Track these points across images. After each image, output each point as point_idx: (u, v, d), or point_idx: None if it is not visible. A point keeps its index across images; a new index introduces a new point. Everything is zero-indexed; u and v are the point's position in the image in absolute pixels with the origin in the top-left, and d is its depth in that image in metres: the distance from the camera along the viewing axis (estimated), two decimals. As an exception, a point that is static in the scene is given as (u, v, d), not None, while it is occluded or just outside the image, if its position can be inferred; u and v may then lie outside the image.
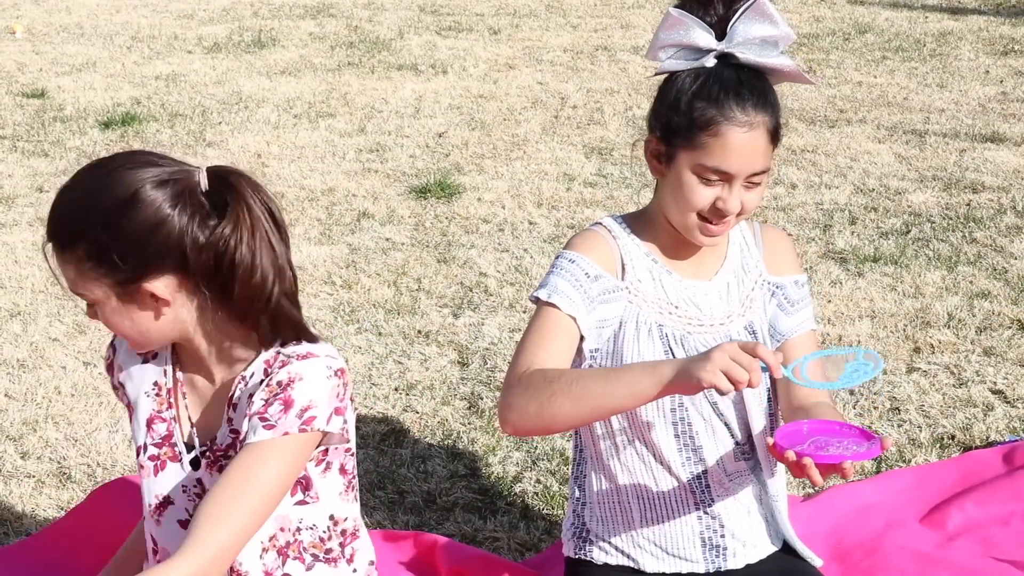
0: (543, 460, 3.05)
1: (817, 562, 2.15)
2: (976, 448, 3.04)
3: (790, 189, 4.92)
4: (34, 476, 3.03)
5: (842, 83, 6.50)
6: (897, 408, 3.26)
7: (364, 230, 4.58)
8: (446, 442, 3.16)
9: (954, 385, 3.37)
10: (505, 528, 2.79)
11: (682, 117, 1.93)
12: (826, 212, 4.67)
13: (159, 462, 1.81)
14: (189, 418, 1.81)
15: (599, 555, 2.13)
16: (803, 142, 5.50)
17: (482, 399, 3.35)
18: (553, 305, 1.96)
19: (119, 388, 1.90)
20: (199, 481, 1.79)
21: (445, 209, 4.79)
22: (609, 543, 2.12)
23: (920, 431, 3.14)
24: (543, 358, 1.92)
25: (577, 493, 2.15)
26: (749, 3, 1.93)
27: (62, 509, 2.89)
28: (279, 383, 1.69)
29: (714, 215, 1.95)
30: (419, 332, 3.76)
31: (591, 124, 5.89)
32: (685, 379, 1.75)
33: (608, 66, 7.03)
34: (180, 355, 1.83)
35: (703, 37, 1.93)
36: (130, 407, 1.86)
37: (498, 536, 2.76)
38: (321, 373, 1.70)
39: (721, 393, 1.72)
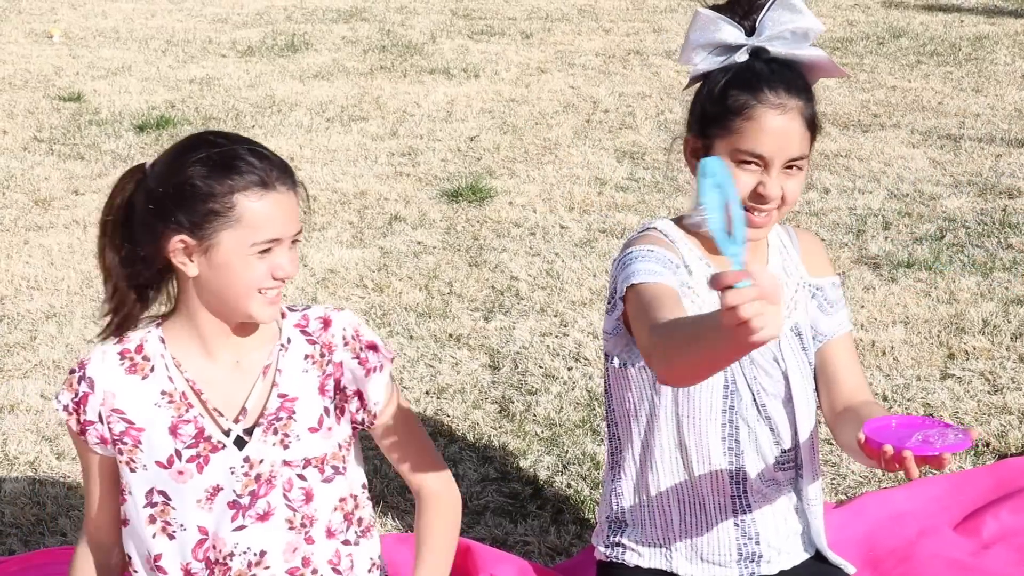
0: (574, 464, 3.05)
1: (851, 570, 2.14)
2: (1011, 455, 3.01)
3: (823, 194, 4.90)
4: (69, 477, 3.06)
5: (876, 87, 6.46)
6: (931, 414, 3.23)
7: (396, 233, 4.60)
8: (477, 446, 3.16)
9: (989, 392, 3.34)
10: (536, 532, 2.79)
11: (717, 106, 1.95)
12: (859, 217, 4.64)
13: (201, 459, 1.87)
14: (215, 409, 1.87)
15: (631, 558, 2.13)
16: (836, 147, 5.47)
17: (513, 403, 3.35)
18: (647, 283, 1.86)
19: (98, 421, 1.87)
20: (246, 459, 1.87)
21: (477, 213, 4.80)
22: (644, 546, 2.12)
23: (954, 438, 3.11)
24: (665, 315, 1.78)
25: (611, 496, 2.15)
26: None
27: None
28: (354, 336, 1.91)
29: (756, 201, 1.95)
30: (450, 336, 3.77)
31: (623, 128, 5.89)
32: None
33: (640, 70, 7.02)
34: (191, 348, 1.88)
35: (733, 34, 1.95)
36: (127, 433, 1.87)
37: (529, 540, 2.76)
38: (353, 314, 1.96)
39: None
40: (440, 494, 2.02)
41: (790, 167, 1.95)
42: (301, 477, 1.90)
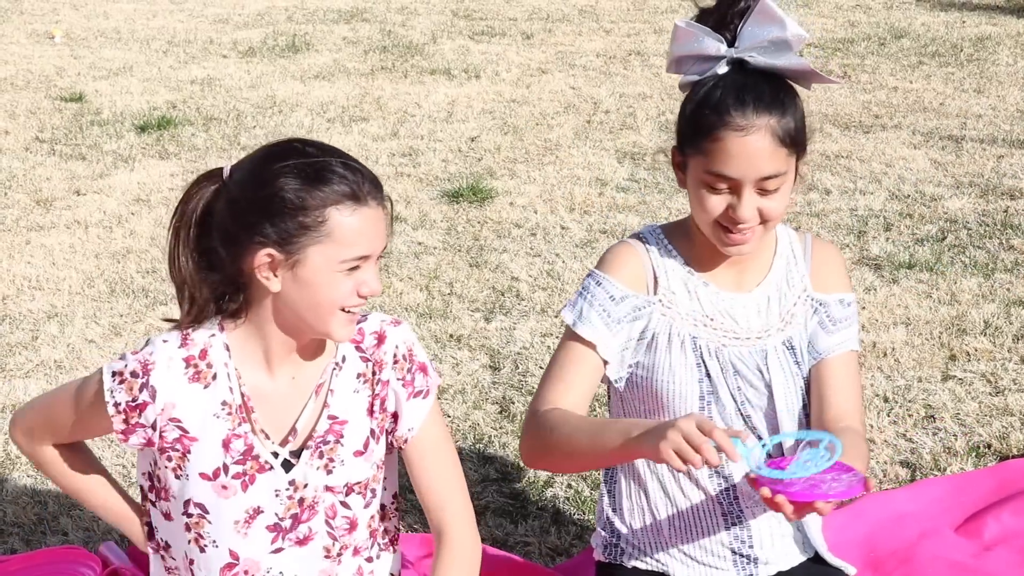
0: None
1: (851, 571, 2.13)
2: (1013, 457, 3.01)
3: (824, 195, 4.90)
4: (70, 476, 3.06)
5: (877, 88, 6.46)
6: (932, 416, 3.23)
7: (396, 234, 4.60)
8: (477, 446, 3.16)
9: (990, 393, 3.34)
10: (536, 533, 2.79)
11: (688, 126, 1.94)
12: (860, 218, 4.64)
13: (247, 477, 1.79)
14: (261, 431, 1.80)
15: (629, 560, 2.13)
16: (837, 147, 5.47)
17: (513, 403, 3.35)
18: (578, 334, 2.01)
19: (151, 428, 1.79)
20: (292, 482, 1.81)
21: (477, 213, 4.80)
22: (639, 549, 2.12)
23: (956, 439, 3.11)
24: (561, 391, 1.99)
25: (608, 498, 2.15)
26: (753, 6, 1.91)
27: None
28: (406, 355, 1.85)
29: (729, 223, 1.93)
30: (451, 336, 3.77)
31: (624, 129, 5.89)
32: (650, 448, 1.75)
33: (641, 71, 7.02)
34: (253, 360, 1.80)
35: (714, 45, 1.92)
36: (179, 442, 1.79)
37: (529, 541, 2.76)
38: (410, 330, 1.89)
39: (677, 470, 1.74)
40: (464, 541, 1.88)
41: (763, 187, 1.90)
42: (345, 505, 1.84)
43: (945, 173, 5.12)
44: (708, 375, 2.01)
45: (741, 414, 2.01)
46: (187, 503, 1.81)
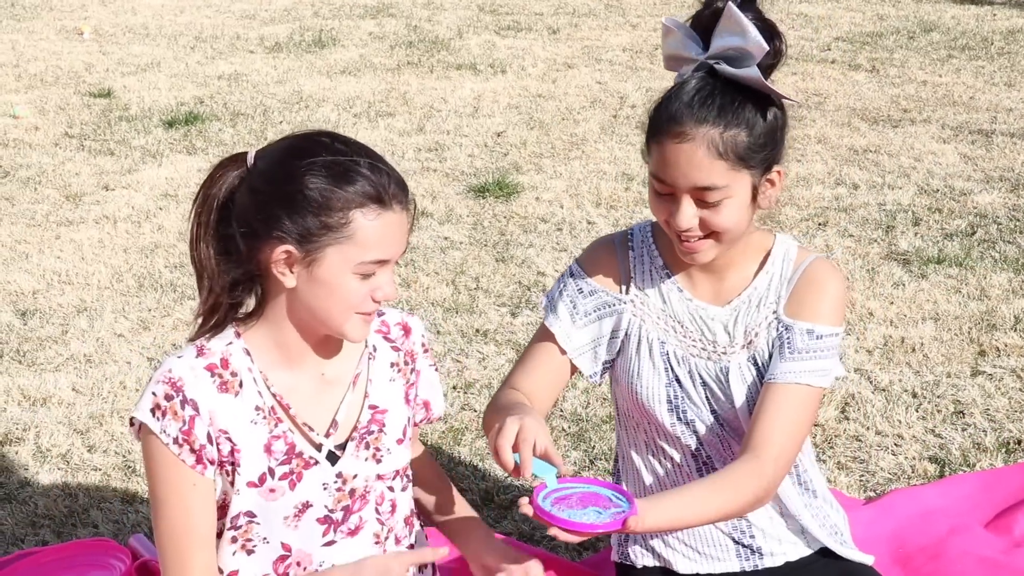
0: (600, 459, 3.05)
1: (868, 560, 2.11)
2: (1043, 453, 2.98)
3: (852, 189, 4.87)
4: (100, 469, 3.08)
5: (906, 82, 6.42)
6: (961, 412, 3.21)
7: (423, 229, 4.61)
8: (504, 441, 3.17)
9: (1020, 389, 3.31)
10: (563, 527, 2.79)
11: (648, 124, 1.92)
12: (889, 213, 4.61)
13: (294, 475, 1.77)
14: (304, 424, 1.78)
15: (638, 558, 2.14)
16: (866, 142, 5.44)
17: (540, 398, 3.35)
18: (545, 334, 2.06)
19: (208, 443, 1.72)
20: (339, 474, 1.79)
21: (503, 208, 4.80)
22: (644, 545, 2.13)
23: (985, 435, 3.09)
24: (520, 375, 2.05)
25: None
26: (723, 13, 1.86)
27: (127, 502, 2.94)
28: (423, 347, 1.91)
29: (673, 230, 1.91)
30: (477, 331, 3.77)
31: (650, 123, 5.87)
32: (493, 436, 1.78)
33: (667, 65, 6.99)
34: (275, 359, 1.78)
35: (689, 47, 1.91)
36: (232, 454, 1.74)
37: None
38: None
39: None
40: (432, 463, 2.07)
41: (702, 199, 1.85)
42: (391, 489, 1.85)
43: (975, 167, 5.08)
44: (678, 381, 2.00)
45: (718, 419, 2.01)
46: (235, 517, 1.76)
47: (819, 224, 4.52)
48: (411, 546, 1.92)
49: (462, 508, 2.02)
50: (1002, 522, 2.61)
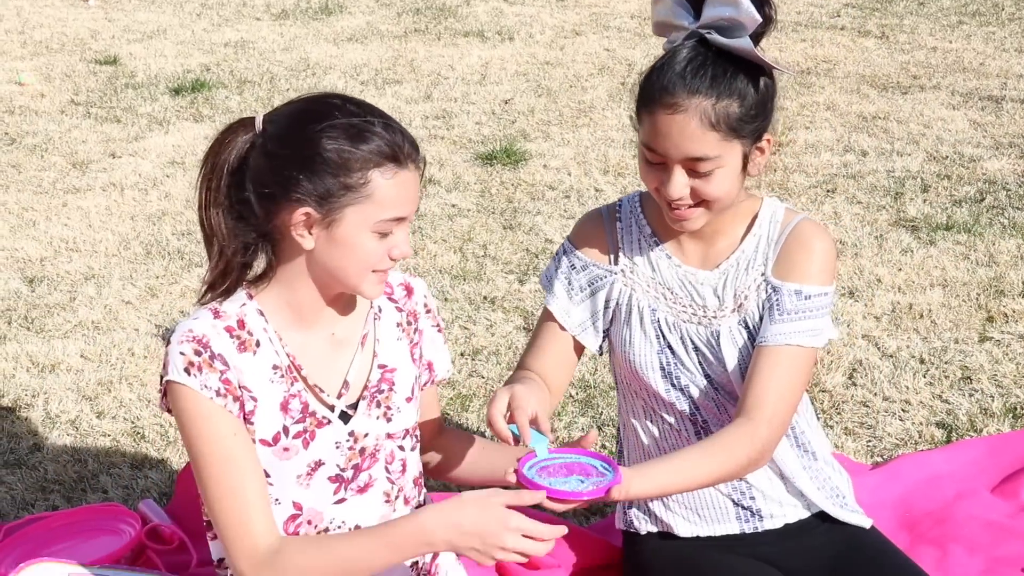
0: (608, 425, 3.06)
1: (866, 522, 2.11)
2: (1050, 419, 2.98)
3: (860, 156, 4.85)
4: (109, 435, 3.10)
5: (916, 48, 6.37)
6: (969, 378, 3.21)
7: (430, 196, 4.60)
8: (511, 407, 3.17)
9: (1028, 355, 3.31)
10: (570, 492, 2.80)
11: (638, 93, 1.91)
12: (898, 180, 4.59)
13: (308, 434, 1.79)
14: (315, 385, 1.80)
15: (640, 524, 2.14)
16: (875, 108, 5.41)
17: (547, 364, 3.36)
18: (546, 314, 2.09)
19: (241, 394, 1.75)
20: (351, 433, 1.82)
21: (511, 176, 4.79)
22: (644, 510, 2.14)
23: (992, 401, 3.09)
24: (533, 355, 2.08)
25: (618, 459, 2.17)
26: None
27: (136, 468, 2.95)
28: (426, 307, 1.94)
29: (662, 198, 1.91)
30: (485, 298, 3.77)
31: (658, 90, 5.84)
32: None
33: (676, 32, 6.95)
34: (287, 320, 1.79)
35: (680, 15, 1.89)
36: (254, 412, 1.76)
37: (563, 500, 2.77)
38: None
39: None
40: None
41: (693, 168, 1.85)
42: (401, 448, 1.88)
43: (984, 134, 5.05)
44: (670, 348, 2.01)
45: (712, 383, 2.02)
46: None
47: (828, 191, 4.50)
48: (419, 505, 1.94)
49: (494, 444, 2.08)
50: (1008, 487, 2.62)
